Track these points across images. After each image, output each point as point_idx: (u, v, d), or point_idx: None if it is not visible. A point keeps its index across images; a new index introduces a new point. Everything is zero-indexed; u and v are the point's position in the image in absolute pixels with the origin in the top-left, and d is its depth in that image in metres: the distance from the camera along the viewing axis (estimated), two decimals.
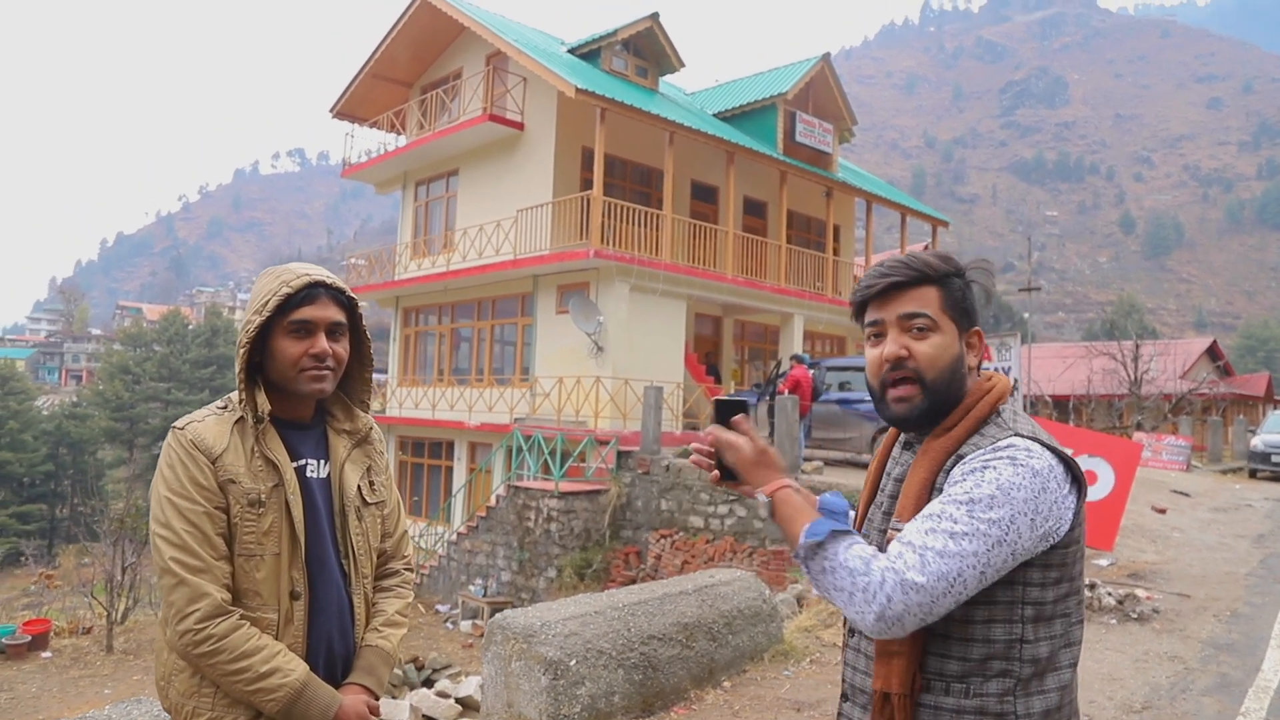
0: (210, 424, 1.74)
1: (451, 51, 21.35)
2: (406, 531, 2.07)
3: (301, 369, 1.75)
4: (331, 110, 22.81)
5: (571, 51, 19.95)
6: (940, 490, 1.42)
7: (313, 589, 1.77)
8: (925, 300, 1.48)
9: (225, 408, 1.79)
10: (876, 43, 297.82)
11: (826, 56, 21.94)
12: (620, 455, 13.90)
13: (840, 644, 1.72)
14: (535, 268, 16.89)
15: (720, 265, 18.16)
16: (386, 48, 21.14)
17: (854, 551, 1.34)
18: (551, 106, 17.60)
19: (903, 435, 1.60)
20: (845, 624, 1.64)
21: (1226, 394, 32.41)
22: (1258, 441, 18.84)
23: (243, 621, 1.66)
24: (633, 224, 16.82)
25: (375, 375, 1.98)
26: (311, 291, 1.75)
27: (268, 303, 1.72)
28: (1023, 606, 1.37)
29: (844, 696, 1.56)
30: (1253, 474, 18.77)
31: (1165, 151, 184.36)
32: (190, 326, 59.89)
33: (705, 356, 19.76)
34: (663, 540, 12.64)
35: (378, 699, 1.84)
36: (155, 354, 55.32)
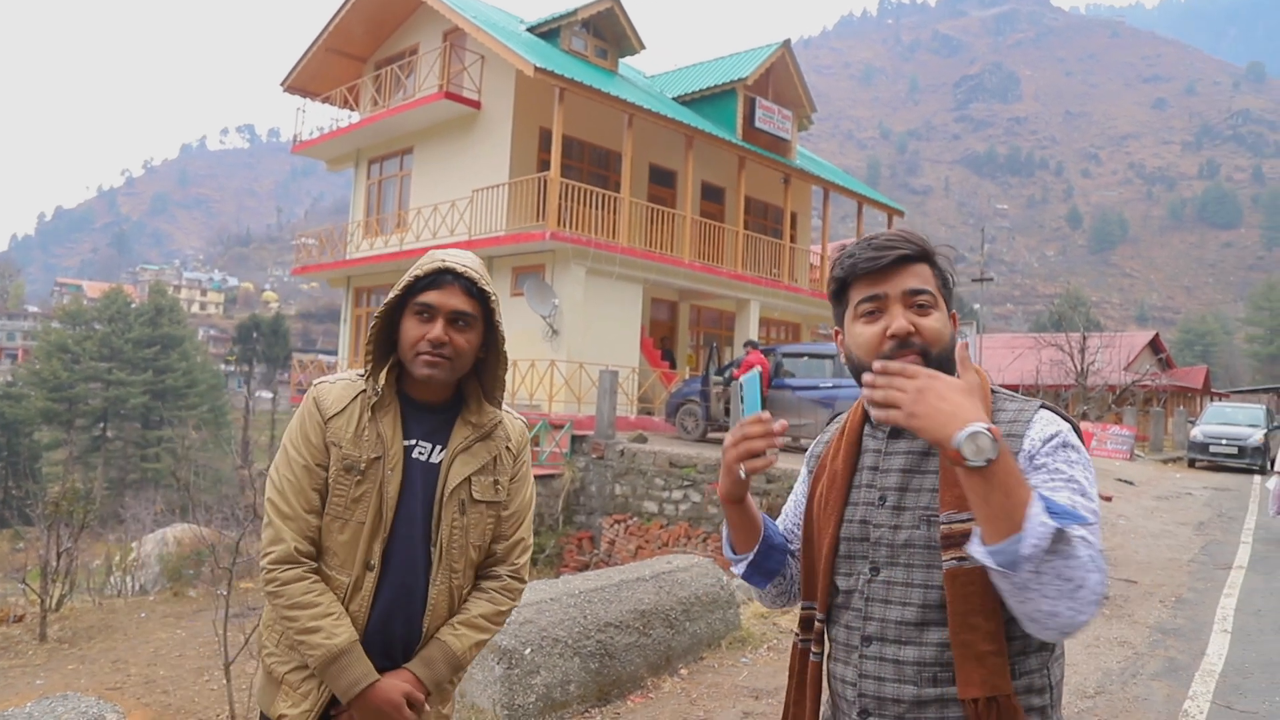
0: (339, 387, 1.85)
1: (408, 26, 20.90)
2: (523, 541, 1.99)
3: (418, 353, 1.78)
4: (283, 84, 22.15)
5: (531, 30, 19.65)
6: None
7: (387, 565, 1.80)
8: (925, 277, 1.42)
9: (363, 375, 1.86)
10: (835, 33, 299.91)
11: (787, 43, 21.90)
12: (574, 439, 13.78)
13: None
14: (490, 249, 16.64)
15: (677, 250, 18.07)
16: (341, 20, 20.61)
17: (1075, 530, 1.13)
18: (509, 85, 17.32)
19: (885, 424, 1.43)
20: (825, 627, 1.46)
21: (1168, 386, 33.30)
22: (1197, 432, 19.42)
23: (308, 575, 1.76)
24: (590, 206, 16.64)
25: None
26: (439, 278, 1.78)
27: (401, 283, 1.80)
28: None
29: (864, 712, 1.38)
30: (1192, 463, 19.37)
31: (1112, 149, 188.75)
32: (133, 305, 58.09)
33: (661, 341, 19.70)
34: (616, 525, 12.57)
35: (427, 694, 1.81)
36: (96, 333, 53.59)
